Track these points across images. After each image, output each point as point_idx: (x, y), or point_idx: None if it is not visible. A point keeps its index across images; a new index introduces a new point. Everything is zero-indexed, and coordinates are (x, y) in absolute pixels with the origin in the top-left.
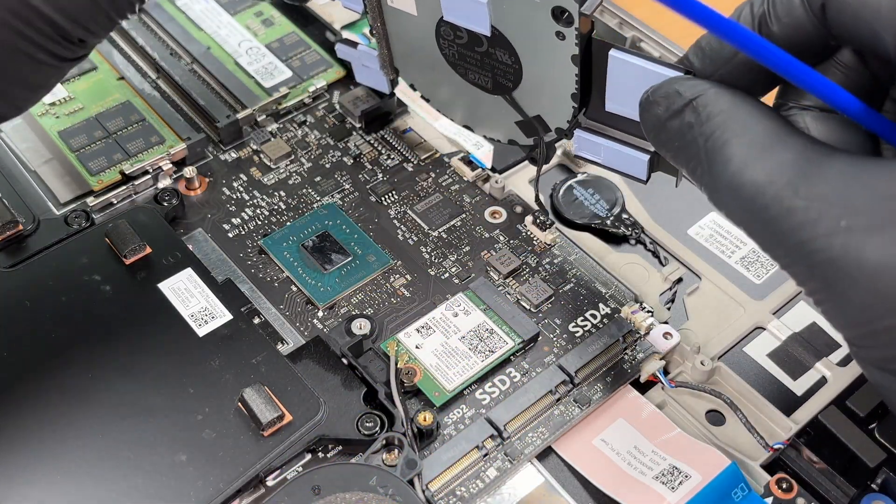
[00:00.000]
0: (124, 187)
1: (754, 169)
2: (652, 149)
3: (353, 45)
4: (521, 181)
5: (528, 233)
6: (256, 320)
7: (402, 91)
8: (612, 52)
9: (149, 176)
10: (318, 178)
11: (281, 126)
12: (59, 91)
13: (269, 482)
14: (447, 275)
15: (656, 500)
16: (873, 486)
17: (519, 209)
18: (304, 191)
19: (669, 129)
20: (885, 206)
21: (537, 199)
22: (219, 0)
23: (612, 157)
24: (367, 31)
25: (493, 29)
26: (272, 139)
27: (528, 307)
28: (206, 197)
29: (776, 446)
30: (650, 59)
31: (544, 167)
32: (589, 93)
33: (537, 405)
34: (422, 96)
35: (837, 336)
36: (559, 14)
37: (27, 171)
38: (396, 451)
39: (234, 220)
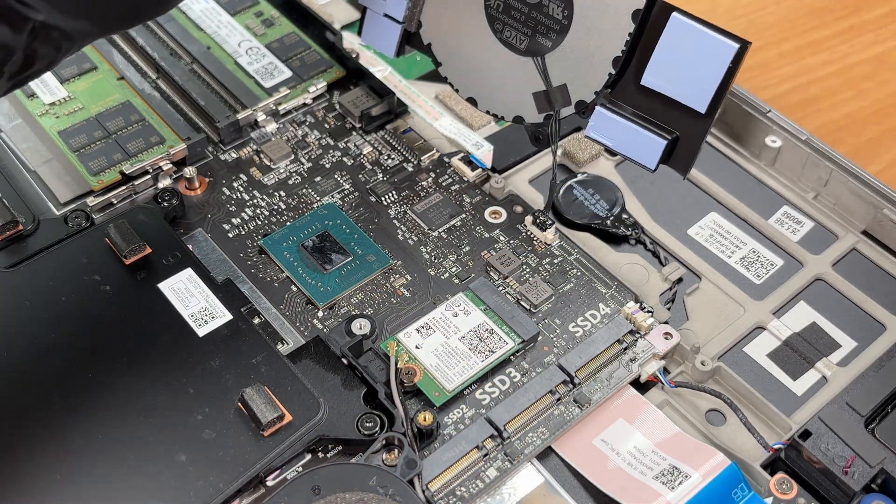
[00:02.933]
0: (124, 187)
1: None
2: (670, 135)
3: None
4: (521, 181)
5: (529, 233)
6: (256, 320)
7: (402, 91)
8: (675, 15)
9: (149, 176)
10: (318, 178)
11: (281, 126)
12: (58, 91)
13: (269, 482)
14: (447, 275)
15: (656, 500)
16: (873, 486)
17: (519, 209)
18: (304, 191)
19: None
20: None
21: (554, 174)
22: (219, 0)
23: (627, 138)
24: None
25: None
26: (272, 139)
27: (528, 307)
28: (206, 197)
29: (776, 446)
30: (710, 25)
31: (544, 167)
32: (629, 61)
33: (537, 405)
34: (434, 60)
35: (837, 336)
36: None
37: (27, 171)
38: (396, 451)
39: (234, 220)
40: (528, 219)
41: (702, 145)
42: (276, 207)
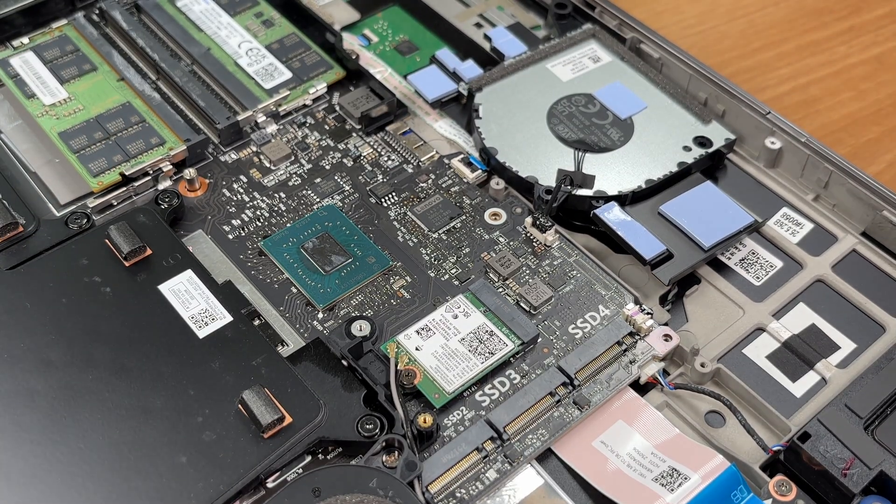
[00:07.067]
0: (124, 189)
1: None
2: (662, 249)
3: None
4: None
5: (528, 234)
6: (256, 322)
7: (402, 93)
8: (708, 183)
9: (149, 177)
10: (318, 180)
11: (281, 127)
12: (58, 92)
13: (270, 484)
14: (447, 276)
15: (656, 501)
16: (872, 488)
17: (519, 210)
18: (304, 192)
19: None
20: None
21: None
22: (219, 1)
23: (632, 232)
24: (367, 31)
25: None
26: (272, 140)
27: (527, 309)
28: (207, 198)
29: (775, 448)
30: (731, 199)
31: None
32: (658, 191)
33: (537, 407)
34: (476, 114)
35: (836, 338)
36: (700, 140)
37: (27, 173)
38: (396, 452)
39: (234, 221)
40: (528, 220)
41: (689, 270)
42: (276, 209)
